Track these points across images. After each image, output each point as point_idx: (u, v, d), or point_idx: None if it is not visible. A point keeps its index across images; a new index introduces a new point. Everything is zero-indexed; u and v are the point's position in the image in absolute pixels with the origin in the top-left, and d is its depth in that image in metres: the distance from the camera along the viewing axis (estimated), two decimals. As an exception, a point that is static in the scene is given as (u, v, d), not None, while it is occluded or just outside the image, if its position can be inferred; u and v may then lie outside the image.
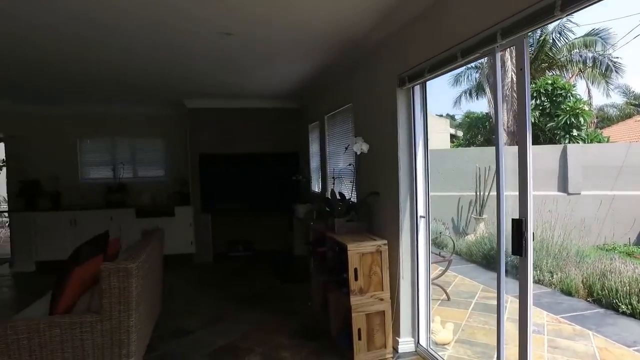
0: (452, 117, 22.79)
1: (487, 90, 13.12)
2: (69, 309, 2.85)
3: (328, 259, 3.65)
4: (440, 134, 18.10)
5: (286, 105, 7.09)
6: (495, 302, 2.43)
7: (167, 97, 6.44)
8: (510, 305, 2.93)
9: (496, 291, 2.34)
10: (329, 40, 3.74)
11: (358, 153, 3.38)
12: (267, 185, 6.97)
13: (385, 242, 3.20)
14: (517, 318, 2.14)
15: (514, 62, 8.45)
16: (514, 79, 10.15)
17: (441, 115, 22.03)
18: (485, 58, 4.99)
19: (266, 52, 4.18)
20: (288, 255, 7.14)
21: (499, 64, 2.23)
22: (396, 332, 3.33)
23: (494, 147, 2.32)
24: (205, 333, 3.91)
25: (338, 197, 3.71)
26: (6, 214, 8.22)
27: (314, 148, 6.25)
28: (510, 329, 2.46)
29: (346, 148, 3.97)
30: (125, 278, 2.74)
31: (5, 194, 7.45)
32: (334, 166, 5.26)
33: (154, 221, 6.63)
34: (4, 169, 7.22)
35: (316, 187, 6.26)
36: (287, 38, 3.71)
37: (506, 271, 2.38)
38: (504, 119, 11.76)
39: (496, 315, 2.37)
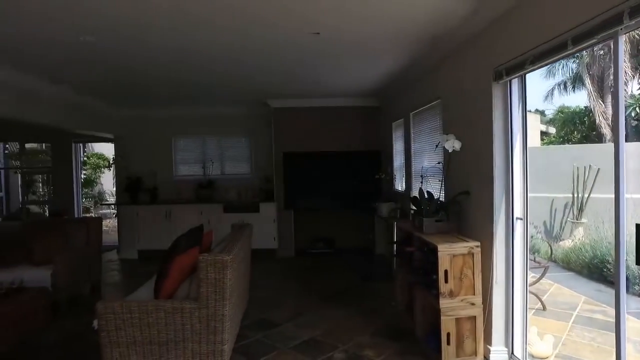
0: (542, 113, 21.07)
1: (588, 81, 11.90)
2: (170, 294, 3.08)
3: (415, 259, 3.55)
4: (529, 131, 16.82)
5: (367, 103, 7.05)
6: (602, 317, 2.17)
7: (253, 98, 6.71)
8: (628, 324, 2.61)
9: (614, 307, 2.08)
10: (419, 33, 3.62)
11: (450, 151, 3.23)
12: (349, 183, 6.99)
13: (478, 244, 3.03)
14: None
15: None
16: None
17: (530, 111, 20.46)
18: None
19: (353, 49, 4.17)
20: (369, 253, 7.10)
21: (621, 49, 1.98)
22: (488, 339, 3.15)
23: (600, 145, 2.08)
24: (290, 326, 4.01)
25: (426, 196, 3.59)
26: (114, 207, 9.13)
27: (398, 146, 6.13)
28: (631, 352, 2.19)
29: (437, 145, 3.83)
30: (221, 269, 2.89)
31: (113, 189, 8.29)
32: (419, 164, 5.11)
33: (240, 216, 6.98)
34: (113, 166, 8.03)
35: (399, 185, 6.14)
36: (377, 33, 3.66)
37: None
38: (608, 113, 10.60)
39: (614, 334, 2.11)
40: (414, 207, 3.77)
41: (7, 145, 9.12)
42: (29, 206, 8.97)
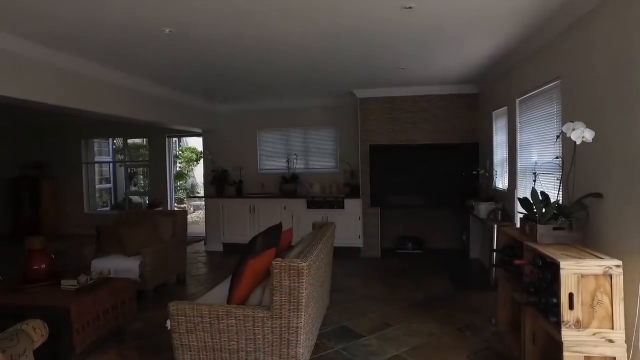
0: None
1: None
2: (243, 299, 2.86)
3: (525, 274, 2.92)
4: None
5: (463, 90, 6.32)
6: None
7: (338, 88, 6.37)
8: None
9: None
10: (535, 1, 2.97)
11: (578, 142, 2.56)
12: (441, 179, 6.35)
13: (619, 263, 2.34)
14: None
15: None
16: None
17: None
18: None
19: (451, 26, 3.60)
20: (463, 256, 6.42)
21: None
22: (628, 386, 2.44)
23: None
24: (373, 339, 3.60)
25: (540, 197, 2.93)
26: (202, 200, 9.45)
27: (499, 138, 5.37)
28: None
29: (557, 136, 3.13)
30: (295, 277, 2.58)
31: (202, 182, 8.54)
32: (525, 159, 4.37)
33: (324, 212, 6.72)
34: (202, 159, 8.26)
35: (499, 183, 5.38)
36: (482, 4, 3.08)
37: None
38: None
39: None
40: (523, 211, 3.13)
41: (114, 141, 9.90)
42: (132, 197, 9.65)
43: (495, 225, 4.81)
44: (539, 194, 2.95)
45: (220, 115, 7.75)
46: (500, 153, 5.38)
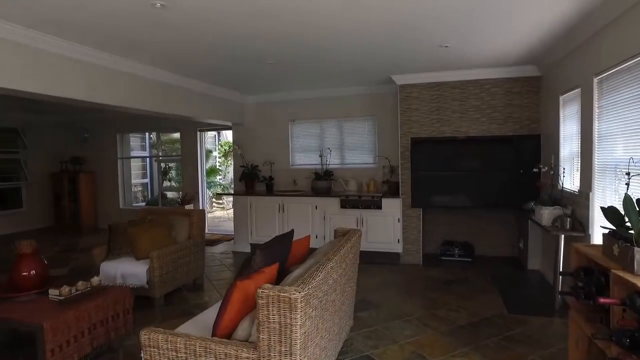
0: None
1: None
2: (230, 331, 2.27)
3: (615, 315, 2.10)
4: None
5: (522, 73, 5.35)
6: None
7: (374, 73, 5.63)
8: None
9: None
10: None
11: None
12: (494, 177, 5.45)
13: None
14: None
15: None
16: None
17: None
18: None
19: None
20: (519, 267, 5.50)
21: None
22: None
23: None
24: (402, 377, 2.91)
25: (638, 207, 2.09)
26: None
27: (568, 128, 4.41)
28: None
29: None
30: (287, 311, 1.95)
31: (232, 177, 8.11)
32: (606, 154, 3.45)
33: (359, 213, 6.04)
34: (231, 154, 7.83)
35: (568, 183, 4.43)
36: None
37: None
38: None
39: None
40: (609, 226, 2.29)
41: (151, 135, 9.74)
42: (167, 192, 9.46)
43: (562, 236, 3.92)
44: (635, 203, 2.10)
45: (250, 107, 7.27)
46: (569, 146, 4.42)
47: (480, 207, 5.73)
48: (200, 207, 8.31)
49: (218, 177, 11.03)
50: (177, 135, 8.83)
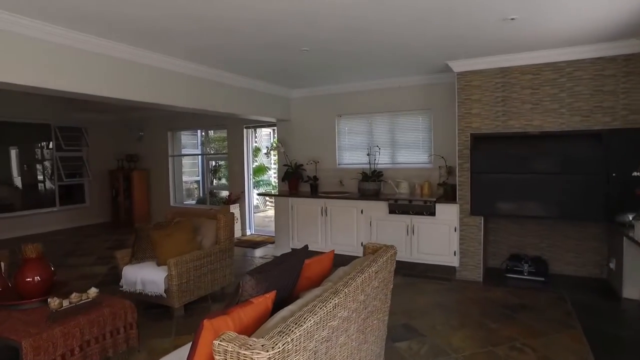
0: None
1: None
2: (195, 381, 1.77)
3: None
4: None
5: (616, 50, 4.28)
6: None
7: (429, 61, 4.88)
8: None
9: None
10: None
11: None
12: (576, 181, 4.45)
13: None
14: None
15: None
16: None
17: None
18: None
19: None
20: (609, 294, 4.44)
21: None
22: None
23: None
24: None
25: None
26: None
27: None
28: None
29: None
30: (245, 374, 1.39)
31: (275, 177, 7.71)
32: None
33: (408, 220, 5.33)
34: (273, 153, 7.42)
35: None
36: None
37: None
38: None
39: None
40: None
41: (203, 133, 9.68)
42: (217, 191, 9.33)
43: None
44: None
45: (295, 102, 6.81)
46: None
47: (557, 217, 4.73)
48: (247, 207, 8.03)
49: (266, 176, 10.73)
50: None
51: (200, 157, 9.57)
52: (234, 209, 7.85)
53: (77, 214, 9.27)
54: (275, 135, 11.40)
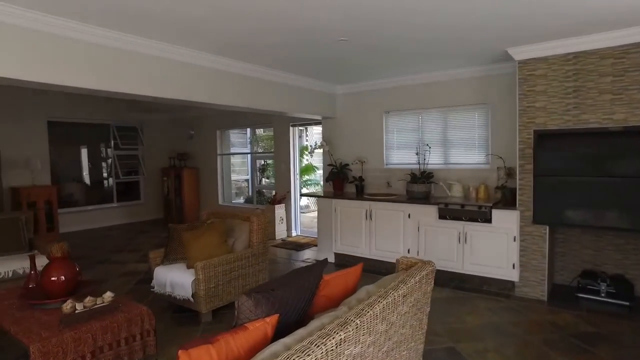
0: None
1: None
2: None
3: None
4: None
5: None
6: None
7: (485, 48, 4.32)
8: None
9: None
10: None
11: None
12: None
13: None
14: None
15: None
16: None
17: None
18: None
19: None
20: None
21: None
22: None
23: None
24: None
25: None
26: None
27: None
28: None
29: None
30: None
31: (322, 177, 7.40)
32: None
33: (461, 227, 4.79)
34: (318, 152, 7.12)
35: None
36: None
37: None
38: None
39: None
40: None
41: (253, 131, 9.62)
42: (266, 190, 9.22)
43: None
44: None
45: (339, 98, 6.47)
46: None
47: (642, 228, 3.98)
48: (293, 207, 7.81)
49: (315, 175, 10.45)
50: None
51: (249, 155, 9.52)
52: (279, 209, 7.67)
53: (133, 211, 9.60)
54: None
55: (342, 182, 6.31)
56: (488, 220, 4.65)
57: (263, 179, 9.36)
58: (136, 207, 9.71)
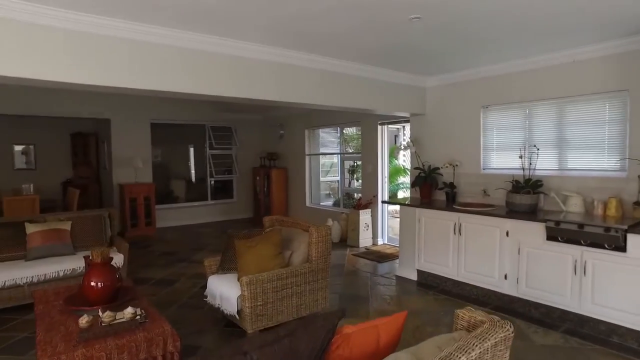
0: None
1: None
2: None
3: None
4: None
5: None
6: None
7: (617, 15, 3.20)
8: None
9: None
10: None
11: None
12: None
13: None
14: None
15: None
16: None
17: None
18: None
19: None
20: None
21: None
22: None
23: None
24: None
25: None
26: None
27: None
28: None
29: None
30: None
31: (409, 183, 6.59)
32: None
33: (579, 254, 3.70)
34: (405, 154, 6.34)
35: None
36: None
37: None
38: None
39: None
40: None
41: (344, 131, 9.16)
42: (354, 193, 8.68)
43: None
44: None
45: (430, 92, 5.63)
46: None
47: None
48: (379, 213, 7.15)
49: (407, 179, 9.55)
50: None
51: (338, 156, 9.08)
52: (365, 214, 7.07)
53: (226, 209, 9.86)
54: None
55: (430, 188, 5.49)
56: (621, 247, 3.48)
57: (353, 181, 8.83)
58: (229, 205, 9.95)
